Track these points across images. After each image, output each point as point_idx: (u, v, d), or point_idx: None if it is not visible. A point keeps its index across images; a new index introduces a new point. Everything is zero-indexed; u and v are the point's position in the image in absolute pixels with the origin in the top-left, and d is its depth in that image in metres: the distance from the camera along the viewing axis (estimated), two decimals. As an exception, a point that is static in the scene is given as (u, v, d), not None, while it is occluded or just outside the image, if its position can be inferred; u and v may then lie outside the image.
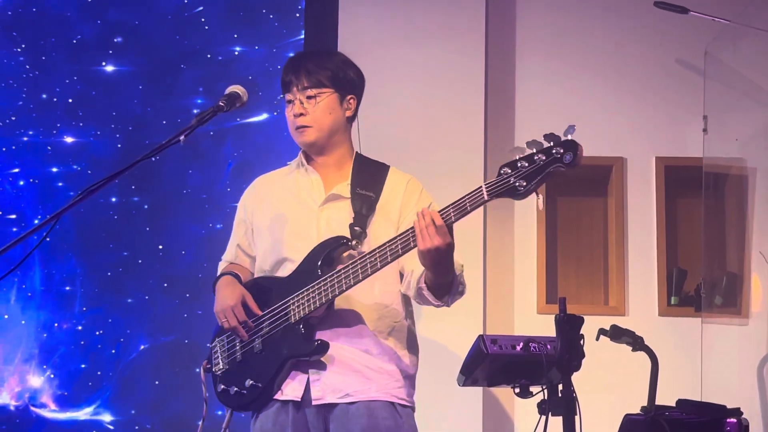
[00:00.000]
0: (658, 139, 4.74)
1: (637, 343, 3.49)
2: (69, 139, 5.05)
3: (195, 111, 4.86)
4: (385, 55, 4.66)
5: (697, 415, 3.35)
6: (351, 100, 3.15)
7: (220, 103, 2.80)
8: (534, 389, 3.08)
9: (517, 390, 3.11)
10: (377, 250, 2.83)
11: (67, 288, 4.97)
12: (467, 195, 2.70)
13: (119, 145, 5.03)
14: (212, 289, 3.19)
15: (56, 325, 4.95)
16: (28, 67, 5.10)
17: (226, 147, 5.01)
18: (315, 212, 3.09)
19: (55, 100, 5.08)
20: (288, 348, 2.97)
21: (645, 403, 3.47)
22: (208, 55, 5.05)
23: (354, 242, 2.98)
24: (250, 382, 3.02)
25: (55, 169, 5.04)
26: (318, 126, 3.07)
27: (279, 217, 3.13)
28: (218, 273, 3.27)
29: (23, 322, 4.95)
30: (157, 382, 4.88)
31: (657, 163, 4.71)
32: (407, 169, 3.22)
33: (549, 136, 2.64)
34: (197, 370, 3.22)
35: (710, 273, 4.60)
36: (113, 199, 4.97)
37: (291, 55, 3.36)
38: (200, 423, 3.12)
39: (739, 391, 4.31)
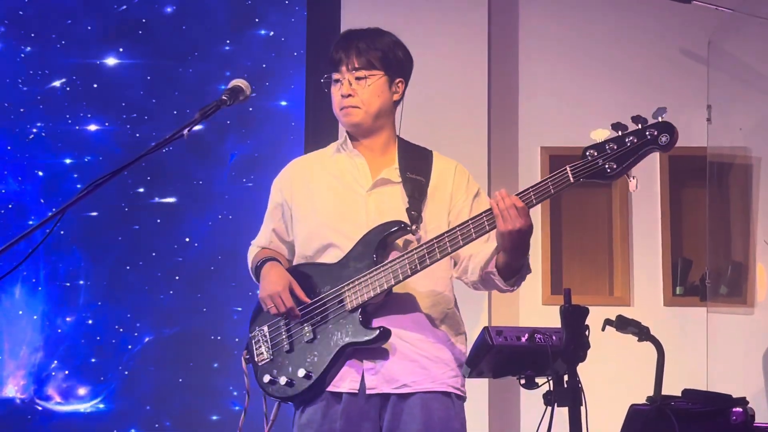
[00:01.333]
0: (662, 129, 4.73)
1: (642, 333, 3.49)
2: (89, 128, 5.06)
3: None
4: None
5: (703, 404, 3.34)
6: (399, 84, 3.10)
7: (223, 97, 2.78)
8: (539, 380, 3.07)
9: (523, 381, 3.11)
10: (446, 235, 2.77)
11: (72, 281, 4.97)
12: (549, 177, 2.67)
13: (131, 135, 5.03)
14: (253, 275, 3.09)
15: (61, 318, 4.95)
16: (34, 60, 5.10)
17: (229, 138, 5.01)
18: (363, 197, 3.00)
19: (67, 89, 5.08)
20: (347, 336, 2.87)
21: (651, 393, 3.47)
22: (210, 47, 5.05)
23: (413, 227, 2.90)
24: (303, 371, 2.90)
25: (68, 160, 5.04)
26: (366, 108, 3.00)
27: (322, 201, 3.03)
28: (250, 258, 3.16)
29: (28, 315, 4.96)
30: (161, 375, 4.88)
31: (661, 154, 4.69)
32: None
33: (637, 118, 2.61)
34: (242, 359, 3.06)
35: (715, 262, 4.59)
36: (117, 192, 4.96)
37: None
38: (242, 415, 3.00)
39: (744, 380, 4.31)
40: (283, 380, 2.94)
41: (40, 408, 4.90)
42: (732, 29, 4.55)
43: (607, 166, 2.61)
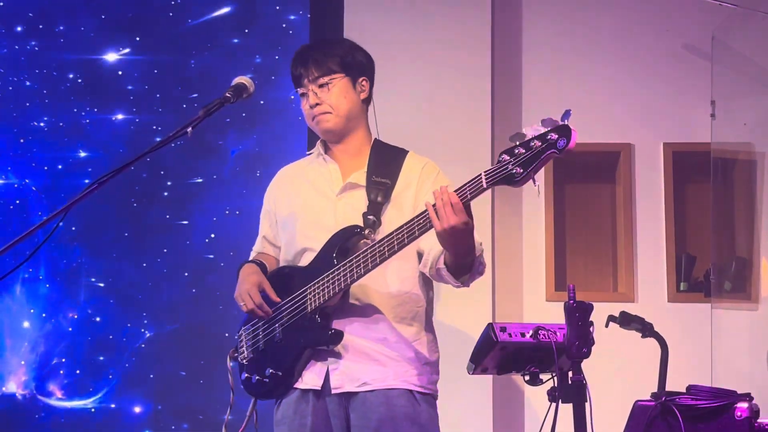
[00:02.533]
0: (665, 125, 4.73)
1: (646, 329, 3.49)
2: (95, 123, 5.06)
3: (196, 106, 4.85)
4: (390, 43, 4.65)
5: (708, 400, 3.34)
6: (364, 82, 3.14)
7: (227, 95, 2.80)
8: (544, 377, 3.08)
9: (527, 378, 3.11)
10: (393, 234, 2.80)
11: (73, 277, 4.98)
12: (467, 183, 2.68)
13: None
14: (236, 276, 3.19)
15: (63, 313, 4.95)
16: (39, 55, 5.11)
17: (230, 134, 5.00)
18: (332, 201, 3.09)
19: (73, 81, 5.08)
20: (305, 337, 2.98)
21: (655, 389, 3.47)
22: (212, 44, 5.05)
23: (367, 231, 2.97)
24: (270, 370, 3.04)
25: (73, 157, 5.03)
26: (336, 111, 3.07)
27: (299, 208, 3.14)
28: None
29: (30, 311, 4.96)
30: (163, 370, 4.89)
31: (665, 149, 4.70)
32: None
33: (546, 122, 2.60)
34: (227, 357, 3.21)
35: (719, 258, 4.59)
36: (120, 188, 4.96)
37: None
38: (228, 411, 3.11)
39: (749, 376, 4.31)
40: (255, 378, 3.09)
41: (41, 404, 4.91)
42: (736, 25, 4.54)
43: (515, 171, 2.58)
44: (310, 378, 3.00)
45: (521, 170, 2.57)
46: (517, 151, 2.59)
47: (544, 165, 2.58)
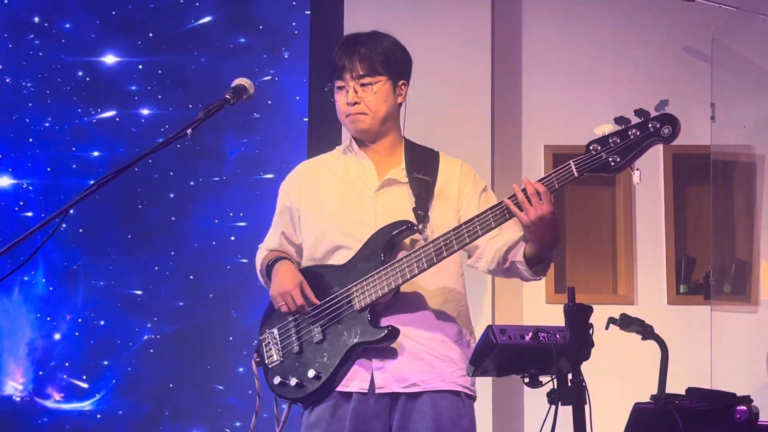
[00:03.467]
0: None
1: (646, 331, 3.48)
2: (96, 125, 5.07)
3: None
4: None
5: (707, 403, 3.34)
6: (402, 86, 3.11)
7: (227, 96, 2.79)
8: (543, 379, 3.07)
9: (527, 380, 3.11)
10: (452, 233, 2.77)
11: (71, 279, 4.97)
12: (554, 171, 2.68)
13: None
14: (263, 275, 3.11)
15: (60, 316, 4.95)
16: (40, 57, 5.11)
17: (228, 136, 5.00)
18: (370, 197, 3.01)
19: (75, 83, 5.08)
20: (355, 336, 2.88)
21: (655, 392, 3.46)
22: (214, 44, 5.05)
23: (420, 226, 2.91)
24: (313, 372, 2.92)
25: (84, 155, 5.04)
26: (373, 114, 3.02)
27: (330, 204, 3.05)
28: (258, 261, 3.18)
29: (27, 312, 4.95)
30: (162, 373, 4.88)
31: (665, 152, 4.70)
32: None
33: (640, 112, 2.61)
34: (252, 362, 3.07)
35: (719, 261, 4.59)
36: (120, 189, 4.96)
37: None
38: (253, 418, 3.02)
39: (748, 379, 4.30)
40: (293, 381, 2.96)
41: (40, 407, 4.90)
42: (736, 27, 4.55)
43: (611, 159, 2.61)
44: (353, 379, 2.91)
45: (619, 159, 2.61)
46: (612, 140, 2.61)
47: (644, 153, 2.60)
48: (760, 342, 4.37)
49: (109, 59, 5.08)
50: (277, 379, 2.99)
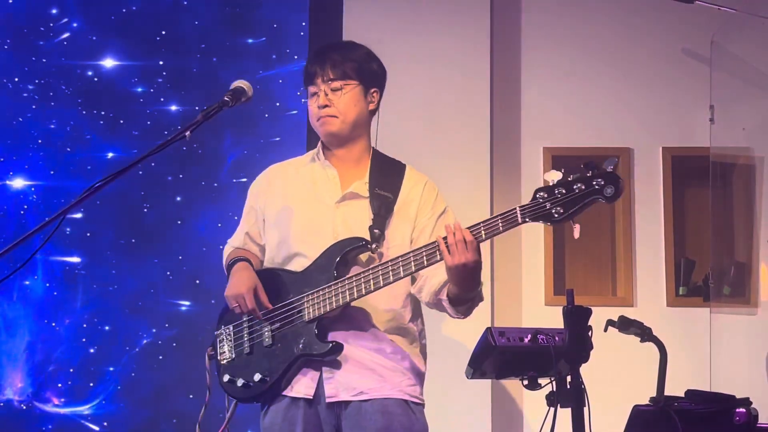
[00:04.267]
0: (664, 129, 4.73)
1: (645, 333, 3.49)
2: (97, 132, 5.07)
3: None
4: (389, 44, 4.65)
5: (706, 405, 3.34)
6: (374, 93, 3.14)
7: (226, 98, 2.80)
8: (543, 381, 3.07)
9: (526, 382, 3.11)
10: (400, 259, 2.83)
11: (70, 282, 4.96)
12: (500, 215, 2.71)
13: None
14: (225, 273, 3.16)
15: (60, 320, 4.94)
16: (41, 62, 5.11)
17: (227, 138, 5.00)
18: (331, 209, 3.06)
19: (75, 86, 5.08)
20: (301, 346, 2.96)
21: (654, 394, 3.47)
22: (214, 45, 5.04)
23: (373, 245, 2.96)
24: (259, 376, 3.00)
25: (85, 156, 5.04)
26: (343, 117, 3.06)
27: (292, 210, 3.10)
28: (224, 257, 3.25)
29: (26, 316, 4.94)
30: (160, 376, 4.87)
31: (664, 154, 4.70)
32: (410, 163, 3.20)
33: (589, 165, 2.64)
34: (206, 355, 3.20)
35: (718, 263, 4.59)
36: (120, 192, 4.95)
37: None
38: (202, 410, 3.10)
39: (748, 381, 4.30)
40: (240, 382, 3.05)
41: (38, 411, 4.89)
42: (735, 29, 4.55)
43: (554, 210, 2.64)
44: (302, 386, 2.98)
45: (562, 211, 2.63)
46: (557, 191, 2.64)
47: (586, 209, 2.63)
48: (759, 344, 4.37)
49: (107, 63, 5.07)
50: (226, 377, 3.10)
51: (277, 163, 3.32)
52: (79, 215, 4.91)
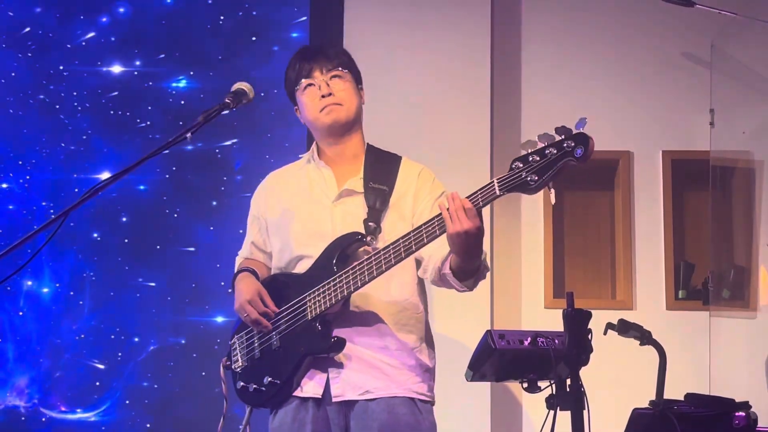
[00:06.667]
0: (664, 133, 4.73)
1: (644, 337, 3.49)
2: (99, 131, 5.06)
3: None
4: (389, 44, 4.67)
5: (706, 408, 3.34)
6: (361, 90, 3.17)
7: (227, 100, 2.80)
8: (542, 384, 3.07)
9: (525, 385, 3.11)
10: (400, 241, 2.80)
11: (76, 288, 4.95)
12: (479, 190, 2.69)
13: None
14: (231, 286, 3.19)
15: (65, 325, 4.93)
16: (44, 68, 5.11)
17: (238, 145, 4.99)
18: (329, 208, 3.07)
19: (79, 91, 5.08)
20: (305, 345, 2.96)
21: (653, 397, 3.46)
22: (219, 49, 5.05)
23: (368, 238, 2.96)
24: (269, 379, 3.01)
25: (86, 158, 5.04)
26: (347, 105, 3.07)
27: (292, 214, 3.12)
28: (235, 269, 3.26)
29: (32, 323, 4.94)
30: (166, 383, 4.86)
31: (664, 157, 4.71)
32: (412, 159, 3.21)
33: (560, 129, 2.61)
34: (221, 366, 3.20)
35: (718, 266, 4.59)
36: (124, 199, 4.94)
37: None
38: (221, 420, 3.11)
39: (747, 385, 4.30)
40: (252, 387, 3.07)
41: (44, 417, 4.88)
42: (735, 33, 4.55)
43: (529, 178, 2.60)
44: (310, 386, 2.99)
45: (536, 177, 2.59)
46: (531, 158, 2.61)
47: (561, 173, 2.58)
48: (758, 347, 4.38)
49: (115, 69, 5.07)
50: (239, 384, 3.12)
51: (277, 169, 3.34)
52: (86, 220, 4.89)
